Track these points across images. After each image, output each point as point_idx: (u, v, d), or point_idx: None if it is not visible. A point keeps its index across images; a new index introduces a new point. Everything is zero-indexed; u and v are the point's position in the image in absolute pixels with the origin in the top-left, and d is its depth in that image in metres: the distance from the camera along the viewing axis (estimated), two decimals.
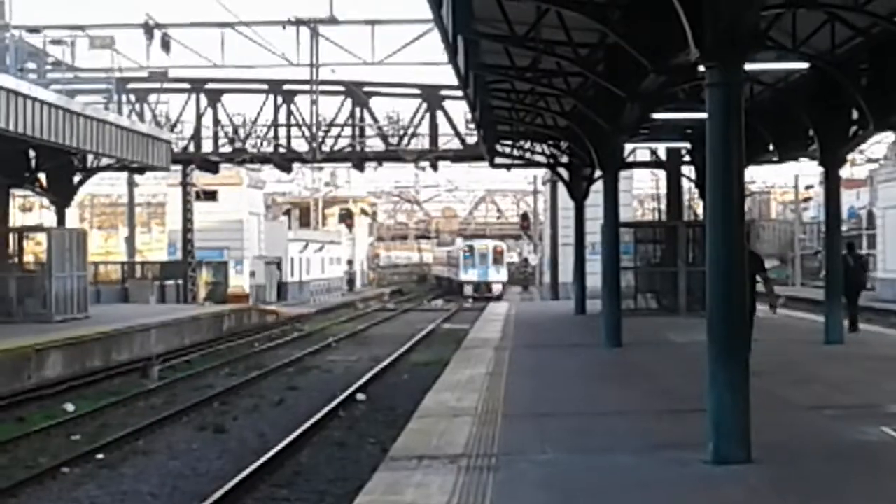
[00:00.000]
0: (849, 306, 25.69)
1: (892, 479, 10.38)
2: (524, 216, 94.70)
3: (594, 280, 29.83)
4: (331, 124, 43.93)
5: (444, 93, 42.71)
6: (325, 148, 43.89)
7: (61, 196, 40.98)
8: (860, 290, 26.93)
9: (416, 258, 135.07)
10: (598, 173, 29.43)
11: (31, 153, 38.02)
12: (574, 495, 9.92)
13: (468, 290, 78.10)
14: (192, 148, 44.31)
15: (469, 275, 79.77)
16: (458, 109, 42.29)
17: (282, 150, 44.25)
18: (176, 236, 58.06)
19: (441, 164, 46.62)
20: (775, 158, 30.96)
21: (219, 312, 43.60)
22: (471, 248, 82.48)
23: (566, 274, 49.38)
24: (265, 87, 44.06)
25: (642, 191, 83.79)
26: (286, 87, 44.04)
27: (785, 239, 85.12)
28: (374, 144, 44.63)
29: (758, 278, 18.61)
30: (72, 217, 53.83)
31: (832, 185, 23.77)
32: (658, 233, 35.35)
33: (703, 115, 11.37)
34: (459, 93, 31.89)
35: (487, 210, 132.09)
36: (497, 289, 78.49)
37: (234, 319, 44.09)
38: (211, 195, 62.92)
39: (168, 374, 29.72)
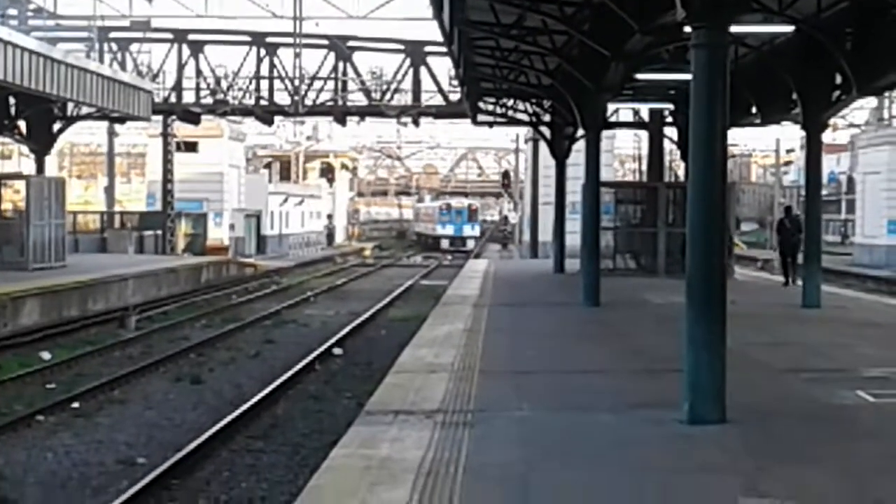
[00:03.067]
0: (783, 264, 29.82)
1: (866, 441, 10.44)
2: (505, 174, 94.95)
3: (573, 239, 29.84)
4: (313, 78, 43.74)
5: (428, 49, 42.54)
6: (308, 102, 43.73)
7: (41, 144, 40.75)
8: (796, 251, 28.20)
9: (395, 214, 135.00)
10: (580, 133, 29.34)
11: (11, 100, 37.77)
12: (549, 452, 9.94)
13: (445, 243, 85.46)
14: (173, 99, 44.09)
15: (446, 230, 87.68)
16: (442, 66, 42.19)
17: (264, 102, 44.09)
18: (155, 187, 57.77)
19: (423, 120, 46.50)
20: (758, 121, 30.94)
21: (197, 264, 43.51)
22: (448, 205, 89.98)
23: (546, 233, 49.48)
24: (248, 38, 43.80)
25: (624, 151, 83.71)
26: (269, 39, 43.80)
27: (764, 202, 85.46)
28: (357, 99, 44.48)
29: None
30: (51, 165, 53.58)
31: (813, 149, 23.76)
32: (639, 194, 35.34)
33: (688, 77, 11.36)
34: (443, 49, 31.75)
35: (468, 167, 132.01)
36: (471, 243, 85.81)
37: (213, 271, 44.02)
38: (191, 146, 62.52)
39: (145, 325, 29.70)
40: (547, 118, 35.54)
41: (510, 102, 37.42)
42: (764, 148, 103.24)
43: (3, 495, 13.06)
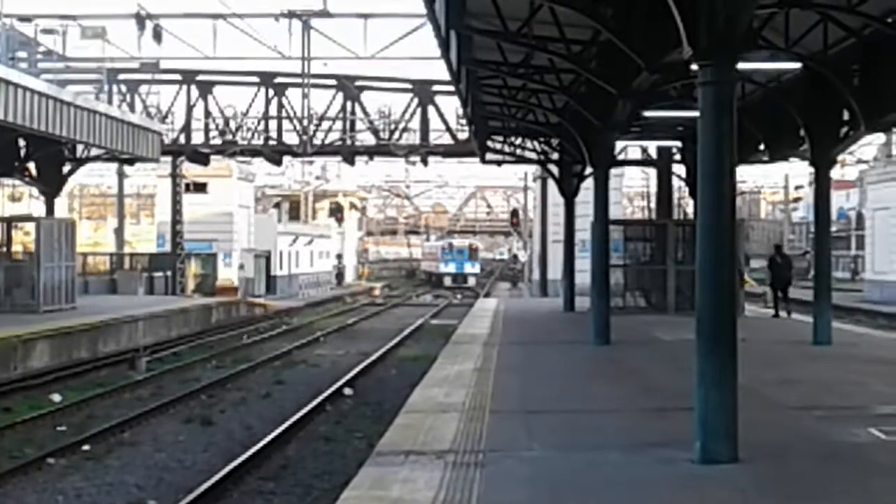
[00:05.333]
0: (775, 297, 31.42)
1: (880, 479, 10.38)
2: (514, 212, 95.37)
3: (583, 277, 29.82)
4: (322, 118, 43.77)
5: (435, 88, 42.61)
6: (316, 141, 43.75)
7: (51, 186, 40.89)
8: (787, 285, 31.30)
9: (405, 253, 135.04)
10: (588, 170, 29.43)
11: (21, 142, 37.92)
12: (561, 492, 9.90)
13: (447, 280, 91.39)
14: (182, 139, 44.14)
15: (448, 267, 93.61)
16: (450, 105, 42.19)
17: (272, 142, 44.11)
18: (165, 228, 57.88)
19: (431, 159, 46.54)
20: (766, 158, 30.96)
21: (207, 305, 43.53)
22: (450, 245, 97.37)
23: (555, 271, 49.38)
24: (256, 79, 43.91)
25: (632, 189, 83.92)
26: (277, 79, 43.89)
27: (774, 239, 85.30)
28: (365, 138, 44.49)
29: None
30: (61, 207, 53.71)
31: (822, 185, 23.75)
32: (648, 231, 35.35)
33: (695, 114, 11.36)
34: (451, 88, 31.83)
35: (477, 206, 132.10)
36: (471, 280, 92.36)
37: (223, 312, 44.03)
38: (201, 187, 62.65)
39: (155, 366, 29.69)
40: (555, 156, 35.59)
41: (518, 140, 37.49)
42: (773, 184, 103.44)
43: None
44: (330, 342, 39.04)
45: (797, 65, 21.13)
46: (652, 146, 38.07)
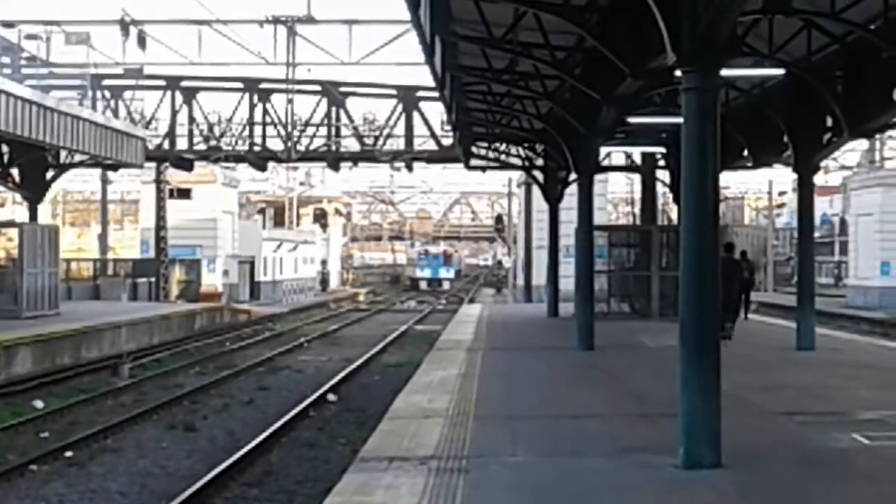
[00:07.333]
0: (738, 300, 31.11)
1: (863, 485, 10.40)
2: (499, 218, 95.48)
3: (567, 283, 29.83)
4: (306, 124, 43.76)
5: (420, 94, 42.61)
6: (301, 147, 43.72)
7: (34, 192, 40.73)
8: (750, 289, 31.71)
9: (389, 259, 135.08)
10: (572, 176, 29.41)
11: (4, 148, 37.78)
12: (544, 498, 9.89)
13: (423, 284, 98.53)
14: (166, 145, 44.06)
15: (424, 273, 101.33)
16: (435, 111, 42.21)
17: (257, 148, 44.06)
18: (149, 234, 57.73)
19: (416, 165, 46.53)
20: (750, 164, 31.00)
21: (191, 311, 43.41)
22: (426, 251, 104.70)
23: (540, 277, 49.46)
24: (241, 85, 43.86)
25: (617, 195, 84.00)
26: (262, 85, 43.83)
27: (758, 245, 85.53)
28: (350, 144, 44.48)
29: None
30: (44, 213, 53.48)
31: (806, 191, 23.81)
32: (632, 237, 35.37)
33: (679, 120, 11.39)
34: (436, 94, 31.80)
35: (462, 212, 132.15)
36: (446, 284, 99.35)
37: (206, 318, 43.92)
38: (185, 193, 62.42)
39: (138, 373, 29.63)
40: (539, 162, 35.60)
41: (503, 147, 37.50)
42: (756, 190, 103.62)
43: None
44: (314, 348, 39.01)
45: (781, 71, 21.16)
46: (636, 152, 38.11)
